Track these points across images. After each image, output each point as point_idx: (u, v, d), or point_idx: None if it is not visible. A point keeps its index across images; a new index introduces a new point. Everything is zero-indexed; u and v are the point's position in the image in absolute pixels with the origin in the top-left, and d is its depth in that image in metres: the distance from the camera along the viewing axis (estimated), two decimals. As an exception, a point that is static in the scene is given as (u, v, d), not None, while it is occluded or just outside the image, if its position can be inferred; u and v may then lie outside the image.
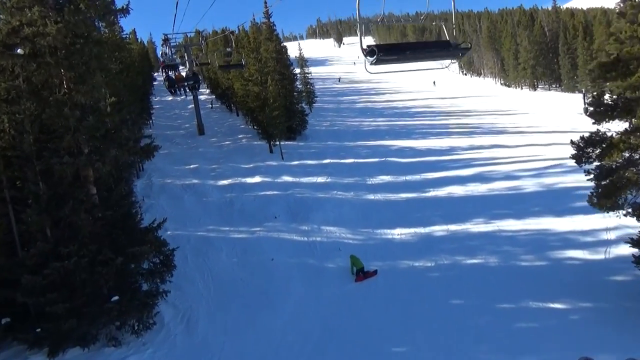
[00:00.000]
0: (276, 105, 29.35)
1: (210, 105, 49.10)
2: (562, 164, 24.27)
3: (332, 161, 28.21)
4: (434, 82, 69.10)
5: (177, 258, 13.78)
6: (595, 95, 12.76)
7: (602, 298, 12.78)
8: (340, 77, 76.45)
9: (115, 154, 11.59)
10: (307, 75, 48.76)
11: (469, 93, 63.93)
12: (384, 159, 28.29)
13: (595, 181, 12.57)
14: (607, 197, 12.24)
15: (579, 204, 19.26)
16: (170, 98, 54.54)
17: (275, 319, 13.03)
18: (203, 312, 13.36)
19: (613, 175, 12.23)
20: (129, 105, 24.62)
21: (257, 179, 24.90)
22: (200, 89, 45.78)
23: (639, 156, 12.23)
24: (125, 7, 12.49)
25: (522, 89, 70.52)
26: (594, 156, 12.53)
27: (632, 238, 12.39)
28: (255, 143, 32.33)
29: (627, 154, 12.21)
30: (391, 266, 15.61)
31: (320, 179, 24.78)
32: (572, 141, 13.02)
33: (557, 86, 69.07)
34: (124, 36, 32.80)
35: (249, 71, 30.85)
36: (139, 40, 64.71)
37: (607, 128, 12.42)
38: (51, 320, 10.57)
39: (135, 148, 12.13)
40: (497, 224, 18.21)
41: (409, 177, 24.67)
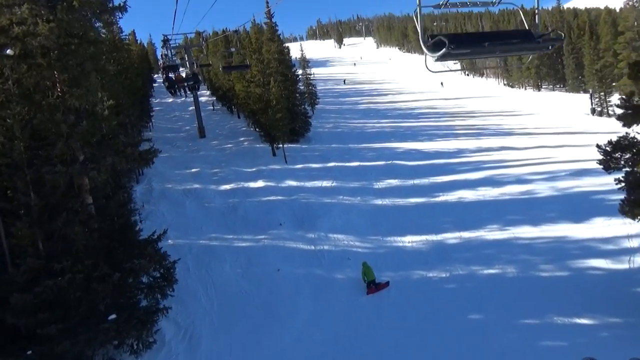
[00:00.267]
0: (279, 107, 28.59)
1: (212, 107, 48.39)
2: (576, 167, 23.65)
3: (336, 164, 27.44)
4: (442, 84, 68.29)
5: (179, 269, 13.05)
6: (624, 96, 12.00)
7: (630, 312, 12.00)
8: (346, 79, 75.78)
9: (111, 162, 10.82)
10: (309, 76, 48.09)
11: (473, 94, 63.22)
12: (390, 162, 27.51)
13: (626, 189, 11.79)
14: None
15: (596, 209, 18.67)
16: (171, 100, 53.84)
17: (283, 337, 12.26)
18: (206, 329, 12.58)
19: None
20: (128, 108, 23.94)
21: (260, 183, 24.13)
22: (201, 91, 45.13)
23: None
24: (122, 5, 11.76)
25: (525, 89, 69.82)
26: (623, 162, 11.76)
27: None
28: (258, 146, 31.56)
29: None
30: (404, 277, 14.84)
31: (326, 183, 24.01)
32: (599, 145, 12.26)
33: (562, 86, 68.33)
34: (123, 37, 32.15)
35: (251, 72, 30.08)
36: (138, 42, 64.02)
37: (637, 131, 11.66)
38: (43, 342, 9.78)
39: (134, 155, 11.36)
40: (512, 230, 17.42)
41: (417, 181, 23.89)
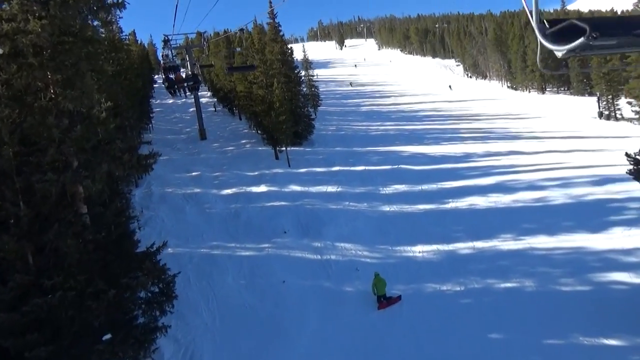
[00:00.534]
0: (282, 109, 27.85)
1: (213, 109, 47.70)
2: (589, 173, 22.93)
3: (341, 169, 26.71)
4: (450, 86, 67.57)
5: (179, 281, 12.25)
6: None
7: (660, 332, 11.25)
8: (351, 82, 75.01)
9: (107, 169, 10.06)
10: (312, 77, 47.41)
11: (476, 96, 62.54)
12: (396, 166, 26.77)
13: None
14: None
15: (613, 218, 17.93)
16: (171, 101, 53.15)
17: (289, 354, 11.51)
18: (208, 345, 11.82)
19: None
20: (127, 109, 23.18)
21: (263, 188, 23.39)
22: (201, 92, 44.41)
23: None
24: (120, 1, 11.00)
25: (529, 92, 69.15)
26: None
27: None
28: (260, 149, 30.83)
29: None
30: (416, 290, 14.07)
31: (331, 188, 23.26)
32: (628, 154, 11.53)
33: (566, 89, 67.68)
34: (123, 37, 31.43)
35: (254, 73, 29.38)
36: (139, 42, 63.31)
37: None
38: (32, 365, 9.02)
39: (131, 161, 10.60)
40: (528, 240, 16.67)
41: (425, 187, 23.14)
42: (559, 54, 2.65)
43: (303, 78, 40.62)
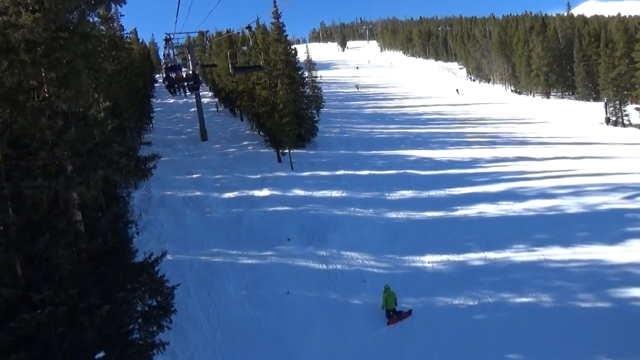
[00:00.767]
0: (286, 111, 27.21)
1: (215, 109, 47.07)
2: (602, 181, 22.30)
3: (346, 172, 26.03)
4: (457, 90, 66.85)
5: (178, 291, 11.60)
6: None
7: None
8: (358, 85, 74.04)
9: (103, 174, 9.39)
10: (315, 79, 46.74)
11: (480, 100, 61.91)
12: (402, 171, 26.11)
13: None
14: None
15: (630, 229, 17.26)
16: (172, 100, 52.51)
17: (294, 374, 10.83)
18: (208, 362, 11.15)
19: None
20: (127, 109, 22.53)
21: (265, 192, 22.71)
22: (203, 92, 43.75)
23: None
24: (120, -6, 10.32)
25: (534, 96, 68.57)
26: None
27: None
28: (262, 151, 30.17)
29: None
30: (427, 304, 13.39)
31: (335, 193, 22.59)
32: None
33: (571, 94, 67.14)
34: (124, 35, 30.79)
35: (257, 74, 28.73)
36: (140, 41, 62.68)
37: None
38: (18, 386, 8.34)
39: (129, 166, 9.93)
40: (542, 252, 15.99)
41: (433, 193, 22.48)
42: None
43: (307, 79, 39.96)
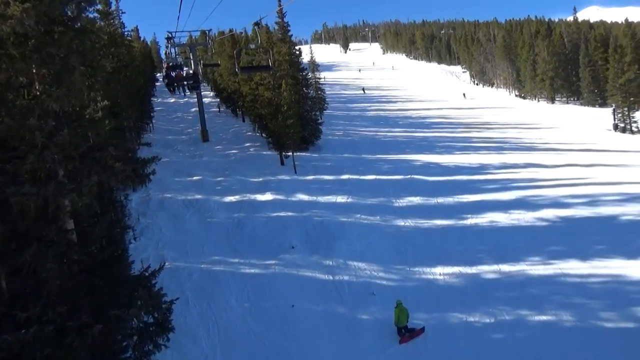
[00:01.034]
0: (290, 112, 26.46)
1: (217, 109, 46.38)
2: (617, 190, 21.60)
3: (350, 177, 25.29)
4: (464, 95, 66.02)
5: (176, 303, 10.81)
6: None
7: None
8: (364, 87, 72.99)
9: (97, 180, 8.63)
10: (319, 80, 46.07)
11: (485, 104, 61.23)
12: (409, 176, 25.36)
13: None
14: None
15: (650, 242, 16.54)
16: (173, 100, 51.83)
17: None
18: (207, 382, 10.38)
19: None
20: (127, 108, 21.78)
21: (268, 196, 21.97)
22: (204, 91, 43.02)
23: None
24: (119, -13, 9.58)
25: (538, 101, 67.91)
26: None
27: None
28: (265, 153, 29.43)
29: None
30: (440, 321, 12.63)
31: (340, 199, 21.84)
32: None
33: (576, 99, 66.51)
34: (125, 33, 30.08)
35: (261, 74, 27.99)
36: (141, 39, 61.95)
37: None
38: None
39: (126, 172, 9.17)
40: (558, 265, 15.24)
41: (441, 200, 21.74)
42: None
43: (310, 80, 39.26)
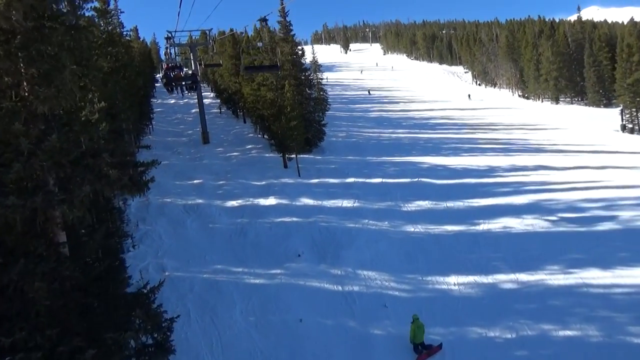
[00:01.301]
0: (294, 114, 25.71)
1: (218, 110, 45.62)
2: (633, 194, 20.83)
3: (356, 180, 24.52)
4: (469, 96, 65.07)
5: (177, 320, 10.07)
6: None
7: None
8: (370, 89, 71.62)
9: (90, 190, 7.87)
10: (321, 80, 45.29)
11: (488, 105, 60.45)
12: (416, 179, 24.61)
13: None
14: None
15: (674, 249, 15.79)
16: (173, 101, 51.06)
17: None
18: (211, 407, 9.61)
19: None
20: (125, 110, 20.99)
21: (271, 200, 21.21)
22: (204, 93, 42.25)
23: None
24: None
25: (542, 101, 67.12)
26: None
27: None
28: (267, 155, 28.66)
29: None
30: (458, 336, 11.87)
31: (347, 203, 21.08)
32: None
33: (580, 100, 65.74)
34: (124, 33, 29.34)
35: (263, 75, 27.25)
36: (141, 39, 61.24)
37: None
38: None
39: (123, 180, 8.42)
40: (580, 274, 14.47)
41: (451, 204, 20.98)
42: None
43: (313, 81, 38.48)
